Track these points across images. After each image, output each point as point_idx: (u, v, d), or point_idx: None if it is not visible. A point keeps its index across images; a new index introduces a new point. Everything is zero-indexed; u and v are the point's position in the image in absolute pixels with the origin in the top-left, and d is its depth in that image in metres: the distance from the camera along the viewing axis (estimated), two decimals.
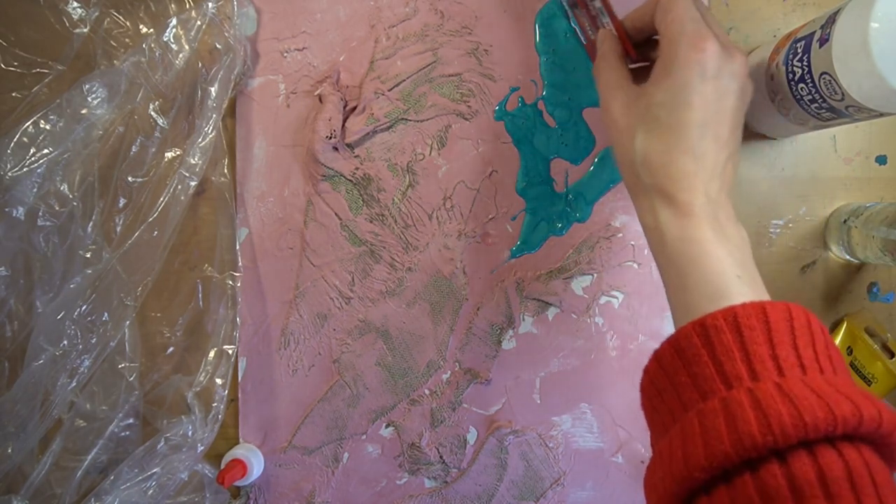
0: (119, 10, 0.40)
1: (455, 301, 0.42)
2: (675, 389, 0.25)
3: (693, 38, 0.27)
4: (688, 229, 0.27)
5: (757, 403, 0.21)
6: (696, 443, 0.22)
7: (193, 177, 0.38)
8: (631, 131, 0.29)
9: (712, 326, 0.24)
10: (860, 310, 0.43)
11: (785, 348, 0.23)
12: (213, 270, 0.42)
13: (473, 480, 0.43)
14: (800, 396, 0.21)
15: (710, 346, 0.24)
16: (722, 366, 0.23)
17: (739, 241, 0.28)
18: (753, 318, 0.23)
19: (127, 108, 0.38)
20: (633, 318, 0.42)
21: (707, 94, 0.27)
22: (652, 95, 0.28)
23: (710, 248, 0.26)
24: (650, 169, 0.28)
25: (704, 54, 0.27)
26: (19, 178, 0.36)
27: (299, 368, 0.43)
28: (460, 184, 0.41)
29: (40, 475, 0.38)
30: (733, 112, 0.28)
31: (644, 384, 0.27)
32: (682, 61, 0.27)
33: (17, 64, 0.41)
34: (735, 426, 0.21)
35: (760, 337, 0.23)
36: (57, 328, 0.37)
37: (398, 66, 0.41)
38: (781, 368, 0.22)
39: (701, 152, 0.27)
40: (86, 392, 0.39)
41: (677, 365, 0.25)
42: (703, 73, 0.27)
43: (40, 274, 0.38)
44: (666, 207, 0.28)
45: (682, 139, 0.27)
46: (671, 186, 0.28)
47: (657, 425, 0.27)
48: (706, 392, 0.23)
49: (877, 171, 0.42)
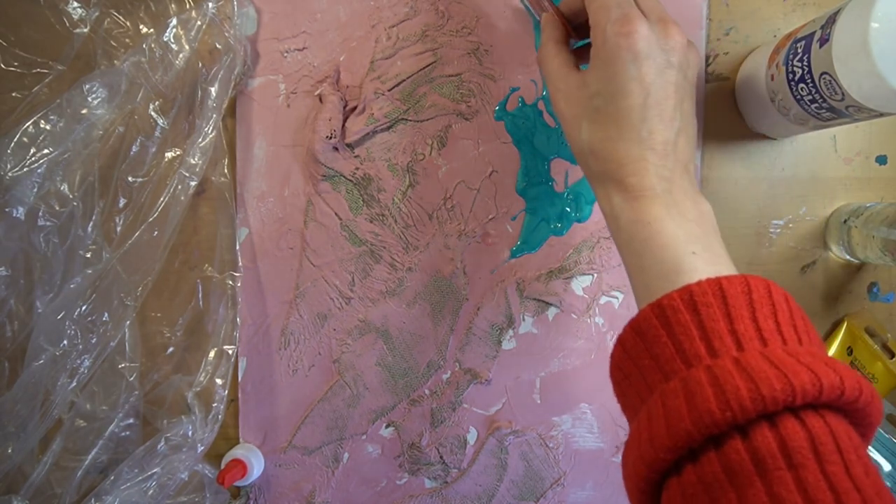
0: (119, 10, 0.40)
1: (455, 301, 0.42)
2: (640, 373, 0.25)
3: (619, 24, 0.27)
4: (639, 211, 0.27)
5: (715, 380, 0.21)
6: (659, 424, 0.22)
7: (193, 177, 0.38)
8: (576, 122, 0.29)
9: (669, 307, 0.24)
10: (860, 310, 0.43)
11: (743, 322, 0.23)
12: (213, 270, 0.42)
13: (473, 480, 0.43)
14: (757, 369, 0.21)
15: (669, 327, 0.23)
16: (681, 345, 0.23)
17: (697, 216, 0.27)
18: (710, 294, 0.23)
19: (127, 108, 0.38)
20: None
21: (643, 77, 0.27)
22: (589, 86, 0.29)
23: (663, 227, 0.26)
24: (598, 158, 0.28)
25: (632, 38, 0.27)
26: (19, 178, 0.36)
27: (299, 368, 0.43)
28: (460, 184, 0.41)
29: (40, 475, 0.38)
30: (676, 87, 0.28)
31: (612, 370, 0.27)
32: (611, 49, 0.27)
33: (17, 64, 0.41)
34: (695, 404, 0.21)
35: (717, 313, 0.23)
36: (57, 328, 0.37)
37: (398, 66, 0.41)
38: (740, 343, 0.22)
39: (647, 134, 0.27)
40: (86, 392, 0.39)
41: (640, 348, 0.25)
42: (634, 59, 0.27)
43: (40, 274, 0.38)
44: (618, 193, 0.28)
45: (625, 126, 0.27)
46: (619, 172, 0.28)
47: (628, 410, 0.27)
48: (668, 373, 0.23)
49: (877, 171, 0.42)
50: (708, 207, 0.28)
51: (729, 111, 0.42)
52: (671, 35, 0.28)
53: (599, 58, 0.28)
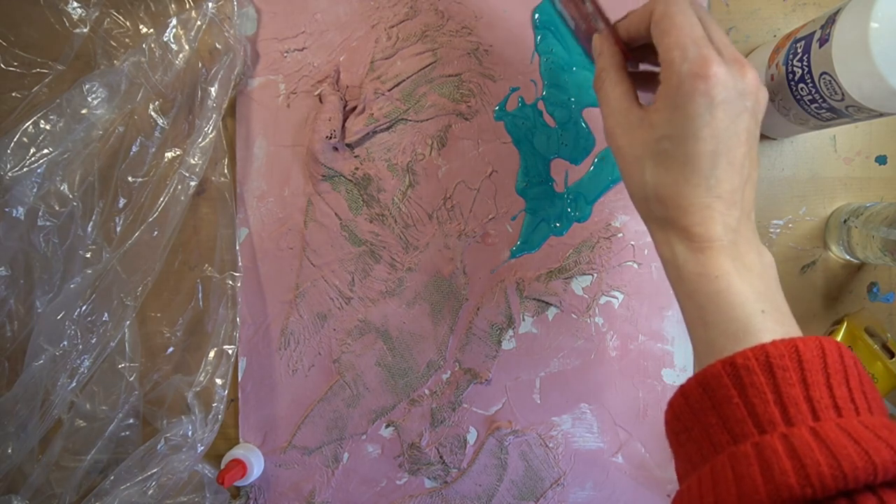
0: (119, 10, 0.40)
1: (455, 301, 0.42)
2: (703, 429, 0.24)
3: (697, 66, 0.25)
4: (705, 264, 0.26)
5: (793, 451, 0.20)
6: (729, 490, 0.21)
7: (193, 177, 0.38)
8: (639, 163, 0.28)
9: (743, 367, 0.23)
10: (860, 310, 0.43)
11: (819, 389, 0.22)
12: (213, 270, 0.42)
13: (473, 480, 0.43)
14: (836, 444, 0.20)
15: (742, 388, 0.23)
16: (754, 408, 0.22)
17: (762, 270, 0.26)
18: (786, 357, 0.22)
19: (127, 108, 0.38)
20: (633, 319, 0.42)
21: (717, 122, 0.25)
22: (658, 127, 0.27)
23: (730, 283, 0.25)
24: (662, 203, 0.27)
25: (710, 82, 0.25)
26: (19, 178, 0.36)
27: (299, 368, 0.43)
28: (460, 184, 0.41)
29: (40, 475, 0.38)
30: (747, 133, 0.26)
31: (668, 418, 0.27)
32: (686, 92, 0.25)
33: (16, 64, 0.41)
34: (771, 475, 0.20)
35: (793, 377, 0.22)
36: (57, 328, 0.37)
37: (398, 66, 0.41)
38: (816, 411, 0.22)
39: (715, 182, 0.26)
40: (86, 392, 0.39)
41: (706, 404, 0.24)
42: (710, 104, 0.25)
43: (40, 274, 0.38)
44: (681, 241, 0.27)
45: (693, 172, 0.26)
46: (684, 220, 0.26)
47: (683, 459, 0.26)
48: (738, 435, 0.22)
49: (877, 171, 0.42)
50: (770, 259, 0.27)
51: None
52: (747, 77, 0.26)
53: (671, 99, 0.26)
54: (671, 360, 0.42)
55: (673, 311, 0.42)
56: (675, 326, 0.42)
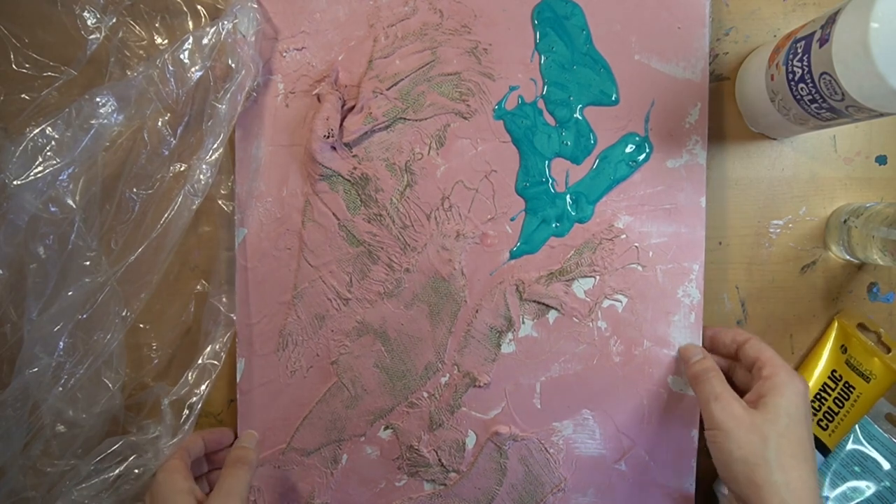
0: (136, 20, 0.40)
1: (453, 303, 0.42)
2: None
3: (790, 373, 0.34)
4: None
5: None
6: None
7: (198, 193, 0.38)
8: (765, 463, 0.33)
9: None
10: (848, 307, 0.43)
11: None
12: (208, 287, 0.42)
13: (473, 484, 0.42)
14: None
15: None
16: None
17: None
18: None
19: (136, 121, 0.38)
20: (637, 323, 0.41)
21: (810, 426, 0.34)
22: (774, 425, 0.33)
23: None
24: None
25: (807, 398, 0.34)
26: (24, 186, 0.35)
27: (297, 370, 0.42)
28: (459, 184, 0.41)
29: (17, 478, 0.37)
30: None
31: None
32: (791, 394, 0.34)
33: (28, 66, 0.40)
34: None
35: None
36: (53, 339, 0.37)
37: (397, 65, 0.41)
38: None
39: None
40: (69, 398, 0.39)
41: None
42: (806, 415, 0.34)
43: (38, 283, 0.38)
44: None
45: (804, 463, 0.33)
46: None
47: None
48: None
49: (877, 171, 0.42)
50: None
51: (729, 111, 0.42)
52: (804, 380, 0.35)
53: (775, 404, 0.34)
54: (677, 367, 0.41)
55: (679, 316, 0.41)
56: (682, 332, 0.41)
